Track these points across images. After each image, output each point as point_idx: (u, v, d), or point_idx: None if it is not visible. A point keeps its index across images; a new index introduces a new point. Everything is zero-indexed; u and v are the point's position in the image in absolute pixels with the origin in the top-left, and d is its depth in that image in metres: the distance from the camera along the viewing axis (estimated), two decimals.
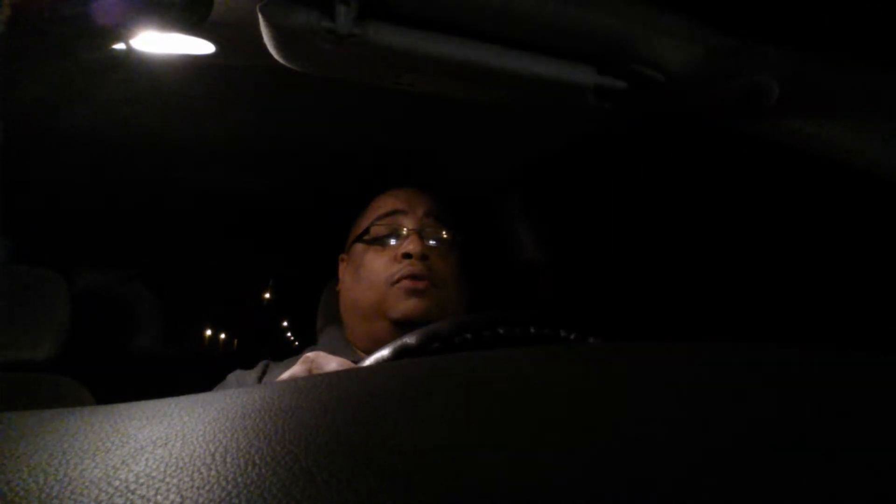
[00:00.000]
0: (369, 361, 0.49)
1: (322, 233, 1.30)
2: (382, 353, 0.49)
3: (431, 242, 0.90)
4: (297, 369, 0.58)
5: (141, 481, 0.20)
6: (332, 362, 0.57)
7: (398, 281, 0.85)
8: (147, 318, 1.80)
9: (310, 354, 0.59)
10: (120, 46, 0.69)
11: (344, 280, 0.97)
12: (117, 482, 0.21)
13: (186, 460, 0.22)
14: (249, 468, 0.21)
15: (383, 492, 0.19)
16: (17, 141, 1.03)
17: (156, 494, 0.20)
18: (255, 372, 0.86)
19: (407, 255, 0.86)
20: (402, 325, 0.83)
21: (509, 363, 0.32)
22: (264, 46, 0.67)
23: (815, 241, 0.90)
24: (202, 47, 0.74)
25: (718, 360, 0.31)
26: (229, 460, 0.21)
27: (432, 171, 1.28)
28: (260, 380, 0.84)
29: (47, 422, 0.27)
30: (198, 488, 0.20)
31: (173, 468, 0.21)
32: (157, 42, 0.74)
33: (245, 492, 0.19)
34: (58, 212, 1.42)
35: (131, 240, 1.68)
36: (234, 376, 0.86)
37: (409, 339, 0.49)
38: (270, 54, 0.68)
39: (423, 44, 0.66)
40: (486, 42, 0.69)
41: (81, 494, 0.20)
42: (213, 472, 0.21)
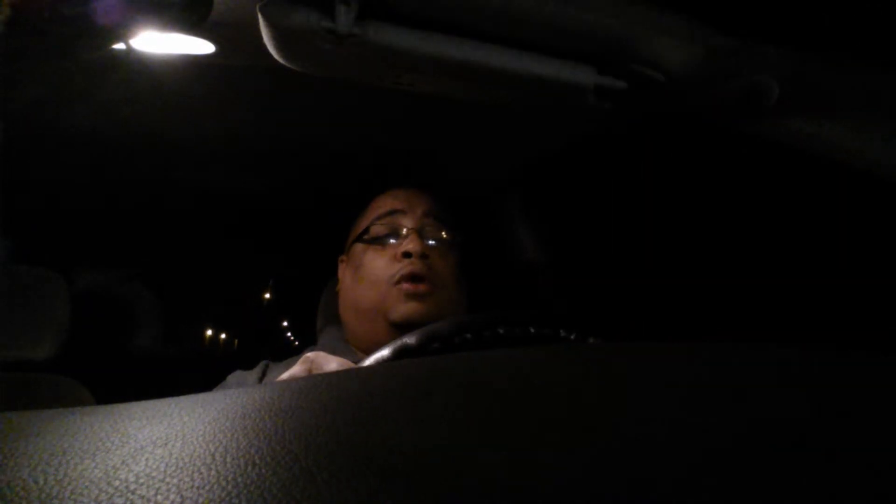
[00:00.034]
0: (369, 361, 0.49)
1: (322, 233, 1.29)
2: (382, 353, 0.49)
3: (431, 242, 0.90)
4: (296, 369, 0.58)
5: (141, 481, 0.20)
6: (331, 362, 0.57)
7: (398, 281, 0.84)
8: (147, 318, 1.80)
9: (310, 355, 0.59)
10: (120, 46, 0.69)
11: (343, 280, 0.96)
12: (117, 482, 0.21)
13: (186, 460, 0.22)
14: (249, 468, 0.21)
15: (383, 492, 0.19)
16: (17, 141, 1.03)
17: (156, 494, 0.20)
18: (255, 372, 0.86)
19: (407, 254, 0.85)
20: (401, 328, 0.82)
21: (509, 363, 0.32)
22: (264, 46, 0.67)
23: (815, 241, 0.90)
24: (202, 47, 0.74)
25: (718, 360, 0.31)
26: (229, 460, 0.21)
27: (432, 171, 1.28)
28: (260, 380, 0.84)
29: (47, 422, 0.27)
30: (198, 488, 0.20)
31: (173, 468, 0.21)
32: (157, 42, 0.74)
33: (245, 492, 0.19)
34: (58, 212, 1.42)
35: (131, 240, 1.68)
36: (235, 377, 0.86)
37: (409, 339, 0.49)
38: (270, 54, 0.68)
39: (423, 44, 0.66)
40: (486, 42, 0.69)
41: (81, 494, 0.20)
42: (213, 472, 0.21)
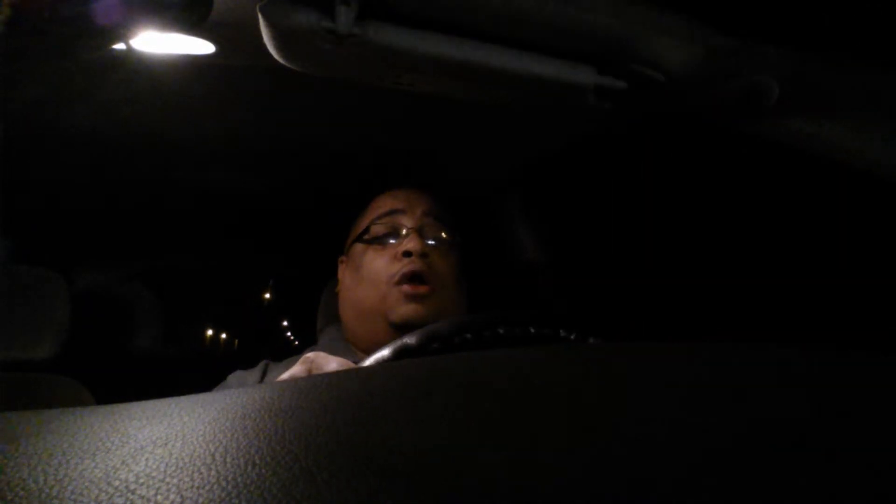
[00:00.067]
0: (369, 361, 0.49)
1: (322, 233, 1.29)
2: (382, 353, 0.49)
3: (431, 241, 0.90)
4: (296, 370, 0.58)
5: (141, 481, 0.20)
6: (331, 362, 0.56)
7: (399, 281, 0.84)
8: (147, 318, 1.80)
9: (310, 355, 0.58)
10: (120, 46, 0.69)
11: (343, 281, 0.96)
12: (117, 482, 0.21)
13: (186, 460, 0.22)
14: (249, 468, 0.21)
15: (383, 492, 0.19)
16: (17, 141, 1.03)
17: (156, 494, 0.20)
18: (255, 372, 0.86)
19: (407, 253, 0.85)
20: (401, 329, 0.82)
21: (509, 363, 0.32)
22: (264, 46, 0.67)
23: (815, 241, 0.90)
24: (202, 47, 0.74)
25: (718, 360, 0.31)
26: (229, 460, 0.21)
27: (432, 171, 1.28)
28: (261, 380, 0.84)
29: (47, 422, 0.27)
30: (198, 488, 0.20)
31: (173, 468, 0.21)
32: (157, 42, 0.74)
33: (245, 492, 0.19)
34: (58, 212, 1.42)
35: (131, 240, 1.68)
36: (235, 377, 0.86)
37: (409, 340, 0.49)
38: (270, 54, 0.68)
39: (423, 44, 0.66)
40: (486, 42, 0.69)
41: (81, 494, 0.20)
42: (213, 472, 0.21)
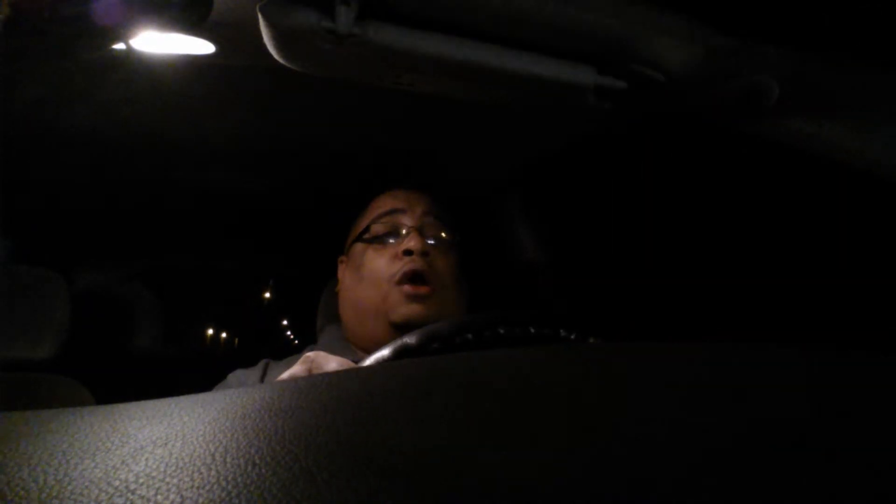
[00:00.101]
0: (369, 361, 0.49)
1: (322, 233, 1.29)
2: (383, 353, 0.49)
3: (431, 241, 0.90)
4: (296, 369, 0.58)
5: (141, 481, 0.20)
6: (331, 362, 0.56)
7: (400, 280, 0.84)
8: (147, 318, 1.80)
9: (310, 354, 0.58)
10: (120, 46, 0.69)
11: (344, 281, 0.96)
12: (117, 482, 0.21)
13: (186, 460, 0.22)
14: (249, 468, 0.21)
15: (383, 492, 0.19)
16: (17, 141, 1.03)
17: (156, 494, 0.20)
18: (256, 371, 0.86)
19: (408, 252, 0.85)
20: (401, 328, 0.82)
21: (509, 363, 0.32)
22: (264, 46, 0.67)
23: (815, 241, 0.90)
24: (202, 47, 0.74)
25: (718, 360, 0.31)
26: (229, 460, 0.21)
27: (432, 171, 1.28)
28: (262, 379, 0.84)
29: (47, 422, 0.27)
30: (198, 488, 0.20)
31: (173, 468, 0.21)
32: (157, 42, 0.74)
33: (245, 492, 0.19)
34: (58, 212, 1.42)
35: (131, 240, 1.68)
36: (235, 375, 0.86)
37: (410, 339, 0.49)
38: (270, 54, 0.68)
39: (423, 44, 0.66)
40: (486, 42, 0.69)
41: (81, 494, 0.20)
42: (213, 472, 0.21)
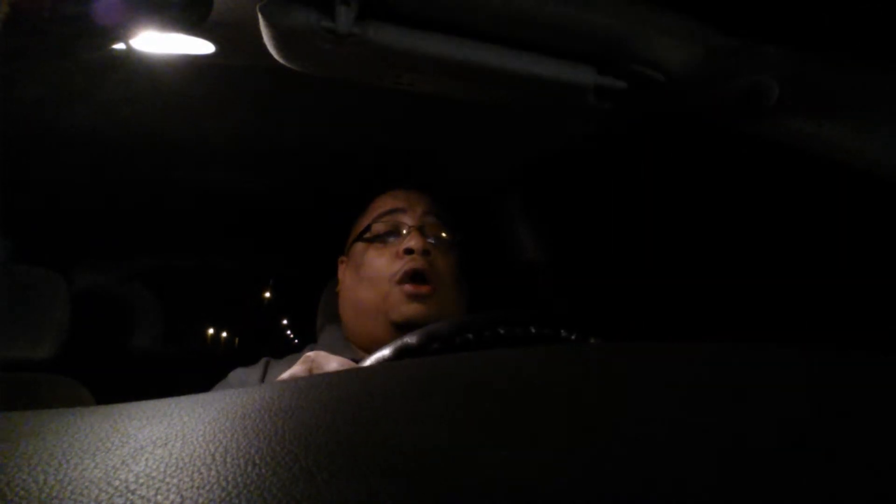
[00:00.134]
0: (370, 361, 0.49)
1: (322, 233, 1.29)
2: (383, 353, 0.49)
3: (431, 240, 0.90)
4: (297, 369, 0.58)
5: (141, 481, 0.20)
6: (332, 362, 0.57)
7: (401, 280, 0.84)
8: (147, 318, 1.79)
9: (310, 354, 0.58)
10: (120, 46, 0.69)
11: (344, 281, 0.96)
12: (117, 482, 0.21)
13: (186, 460, 0.22)
14: (249, 468, 0.21)
15: (383, 492, 0.19)
16: (17, 141, 1.03)
17: (156, 494, 0.20)
18: (256, 369, 0.86)
19: (409, 251, 0.85)
20: (402, 328, 0.82)
21: (510, 363, 0.32)
22: (264, 46, 0.67)
23: (815, 241, 0.90)
24: (202, 47, 0.74)
25: (718, 360, 0.31)
26: (229, 460, 0.21)
27: (432, 171, 1.28)
28: (262, 377, 0.84)
29: (47, 422, 0.27)
30: (198, 488, 0.20)
31: (173, 468, 0.21)
32: (157, 42, 0.74)
33: (245, 492, 0.19)
34: (58, 212, 1.42)
35: (131, 240, 1.68)
36: (236, 374, 0.86)
37: (410, 339, 0.49)
38: (270, 54, 0.68)
39: (423, 44, 0.66)
40: (486, 42, 0.69)
41: (81, 494, 0.20)
42: (213, 472, 0.21)
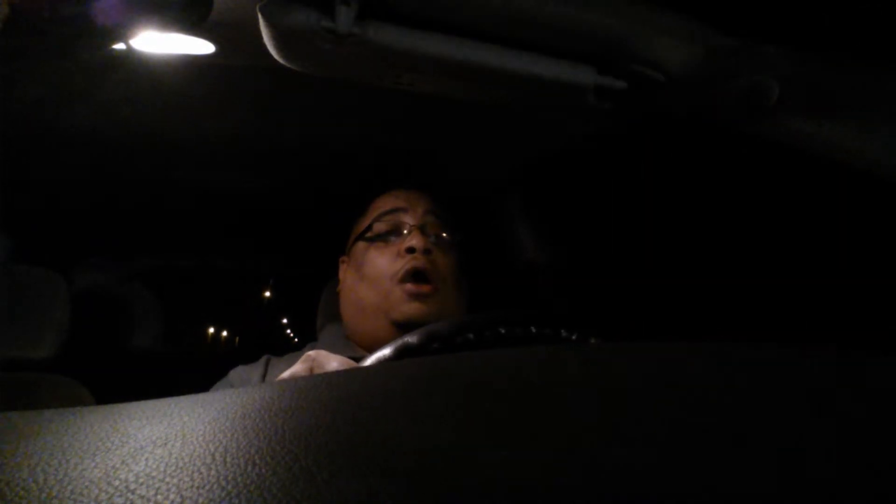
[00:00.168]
0: (370, 360, 0.49)
1: (322, 233, 1.29)
2: (384, 353, 0.49)
3: (432, 240, 0.90)
4: (298, 368, 0.58)
5: (141, 481, 0.20)
6: (333, 361, 0.56)
7: (403, 279, 0.84)
8: (147, 318, 1.79)
9: (311, 353, 0.58)
10: (120, 46, 0.69)
11: (345, 280, 0.96)
12: (117, 482, 0.21)
13: (186, 460, 0.22)
14: (249, 468, 0.21)
15: (383, 492, 0.19)
16: (17, 141, 1.03)
17: (156, 494, 0.20)
18: (257, 367, 0.86)
19: (410, 249, 0.86)
20: (403, 327, 0.82)
21: (510, 363, 0.32)
22: (264, 46, 0.67)
23: (816, 241, 0.90)
24: (202, 47, 0.74)
25: (718, 360, 0.31)
26: (229, 460, 0.21)
27: (432, 171, 1.28)
28: (263, 374, 0.84)
29: (47, 422, 0.27)
30: (198, 488, 0.20)
31: (173, 468, 0.21)
32: (157, 42, 0.74)
33: (245, 492, 0.19)
34: (58, 211, 1.42)
35: (131, 240, 1.68)
36: (237, 372, 0.86)
37: (411, 339, 0.49)
38: (270, 54, 0.68)
39: (423, 44, 0.66)
40: (486, 42, 0.69)
41: (81, 494, 0.20)
42: (213, 472, 0.21)
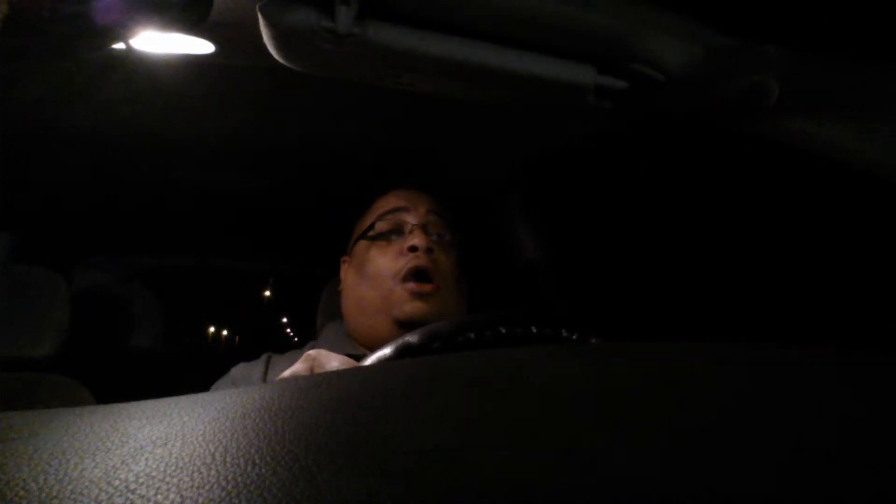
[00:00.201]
0: (371, 360, 0.49)
1: (322, 233, 1.29)
2: (384, 352, 0.49)
3: (434, 239, 0.90)
4: (298, 367, 0.58)
5: (141, 481, 0.20)
6: (333, 360, 0.56)
7: (405, 278, 0.85)
8: (147, 317, 1.79)
9: (311, 353, 0.58)
10: (120, 46, 0.69)
11: (346, 280, 0.96)
12: (117, 482, 0.21)
13: (186, 460, 0.22)
14: (249, 468, 0.21)
15: (383, 492, 0.19)
16: (17, 141, 1.03)
17: (156, 494, 0.20)
18: (258, 365, 0.86)
19: (412, 248, 0.86)
20: (405, 326, 0.83)
21: (510, 363, 0.32)
22: (264, 46, 0.67)
23: (815, 241, 0.90)
24: (202, 47, 0.74)
25: (718, 360, 0.31)
26: (229, 460, 0.21)
27: (432, 171, 1.28)
28: (264, 372, 0.84)
29: (47, 422, 0.27)
30: (198, 488, 0.20)
31: (173, 468, 0.21)
32: (157, 42, 0.74)
33: (245, 492, 0.19)
34: (58, 211, 1.42)
35: (131, 240, 1.68)
36: (238, 369, 0.86)
37: (411, 338, 0.49)
38: (270, 54, 0.68)
39: (423, 44, 0.66)
40: (486, 42, 0.69)
41: (81, 494, 0.20)
42: (213, 472, 0.21)
